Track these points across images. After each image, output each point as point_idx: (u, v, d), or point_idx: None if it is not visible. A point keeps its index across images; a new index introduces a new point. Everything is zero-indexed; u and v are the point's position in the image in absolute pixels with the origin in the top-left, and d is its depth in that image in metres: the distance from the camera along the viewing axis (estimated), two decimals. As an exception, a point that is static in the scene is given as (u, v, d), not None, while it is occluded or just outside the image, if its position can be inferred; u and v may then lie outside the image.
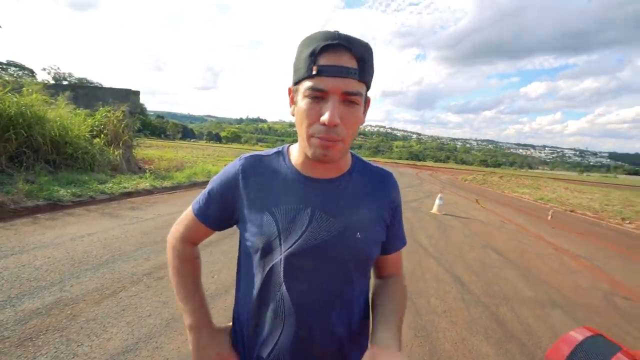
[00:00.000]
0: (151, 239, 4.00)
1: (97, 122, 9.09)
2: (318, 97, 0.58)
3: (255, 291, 0.69)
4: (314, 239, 0.65)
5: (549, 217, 9.37)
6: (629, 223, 9.87)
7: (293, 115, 0.65)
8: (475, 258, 4.69)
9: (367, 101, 0.65)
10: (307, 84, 0.59)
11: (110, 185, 6.74)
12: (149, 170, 9.45)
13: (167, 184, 8.11)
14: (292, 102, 0.65)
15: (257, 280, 0.69)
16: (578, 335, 0.98)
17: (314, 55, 0.57)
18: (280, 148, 0.76)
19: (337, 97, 0.58)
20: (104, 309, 2.35)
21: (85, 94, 10.67)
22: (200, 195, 0.77)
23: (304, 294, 0.66)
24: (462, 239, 5.81)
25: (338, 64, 0.57)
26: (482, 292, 3.47)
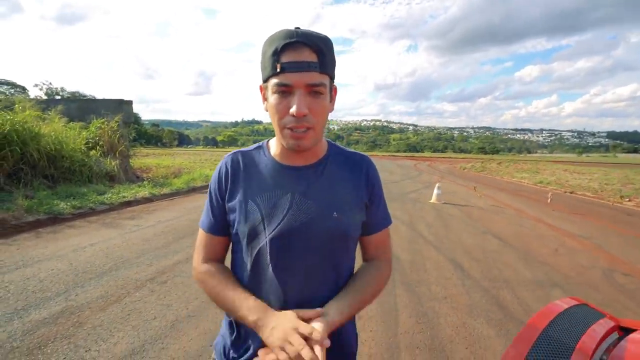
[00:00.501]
0: (152, 245, 4.04)
1: (91, 134, 9.12)
2: (285, 91, 0.63)
3: (246, 275, 0.74)
4: (295, 221, 0.69)
5: (549, 200, 9.41)
6: (629, 201, 9.92)
7: (267, 110, 0.70)
8: (475, 244, 4.73)
9: (333, 90, 0.70)
10: (273, 81, 0.64)
11: (109, 195, 6.78)
12: (147, 179, 9.48)
13: (165, 190, 8.15)
14: (264, 98, 0.70)
15: (248, 264, 0.73)
16: (562, 304, 1.01)
17: (276, 54, 0.62)
18: (260, 143, 0.82)
19: (302, 89, 0.63)
20: (109, 315, 2.39)
21: (78, 106, 10.68)
22: (203, 213, 0.81)
23: (289, 273, 0.70)
24: (462, 226, 5.85)
25: (299, 60, 0.61)
26: (482, 276, 3.51)
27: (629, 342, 0.86)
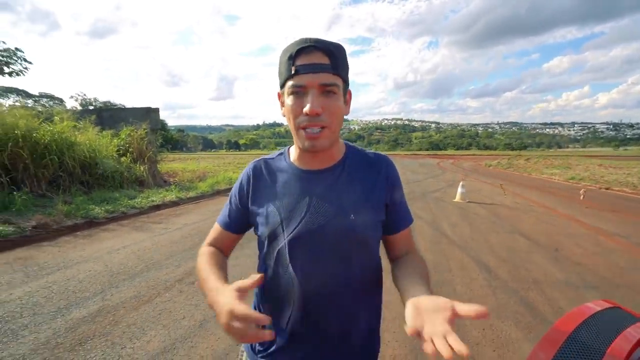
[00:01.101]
0: (180, 248, 4.20)
1: (122, 142, 9.60)
2: (299, 92, 0.67)
3: (269, 274, 0.78)
4: (312, 224, 0.72)
5: (581, 197, 8.93)
6: (672, 196, 9.23)
7: (284, 115, 0.74)
8: (501, 244, 4.58)
9: (347, 94, 0.74)
10: (289, 83, 0.68)
11: (139, 200, 7.11)
12: (174, 183, 9.87)
13: (191, 194, 8.44)
14: (282, 104, 0.74)
15: (270, 263, 0.77)
16: (594, 306, 0.97)
17: (291, 59, 0.67)
18: (282, 150, 0.86)
19: (316, 89, 0.66)
20: (142, 314, 2.53)
21: (109, 115, 11.28)
22: (222, 210, 0.89)
23: (308, 274, 0.73)
24: (488, 225, 5.67)
25: (311, 62, 0.66)
26: (510, 277, 3.40)
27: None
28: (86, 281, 3.13)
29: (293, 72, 0.66)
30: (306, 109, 0.66)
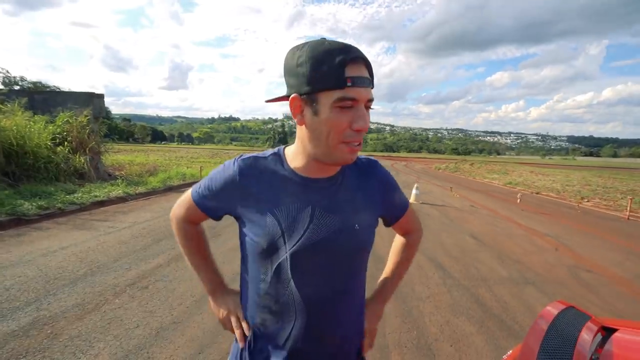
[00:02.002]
0: (130, 248, 3.87)
1: (58, 129, 8.57)
2: (347, 106, 0.62)
3: (263, 287, 0.72)
4: (316, 236, 0.69)
5: (519, 201, 9.93)
6: (587, 201, 10.66)
7: (301, 124, 0.67)
8: (453, 244, 4.91)
9: None
10: (338, 94, 0.60)
11: (80, 195, 6.41)
12: (121, 177, 9.06)
13: (141, 189, 7.82)
14: (299, 110, 0.65)
15: (265, 278, 0.72)
16: (553, 309, 1.08)
17: (342, 67, 0.60)
18: (275, 150, 0.78)
19: (364, 104, 0.64)
20: (87, 325, 2.27)
21: (42, 99, 10.00)
22: (199, 185, 0.80)
23: (311, 288, 0.70)
24: (439, 226, 6.05)
25: (364, 75, 0.62)
26: (462, 275, 3.65)
27: (613, 343, 0.94)
28: (15, 289, 2.73)
29: (349, 83, 0.60)
30: (359, 125, 0.62)
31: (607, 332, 1.02)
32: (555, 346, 0.82)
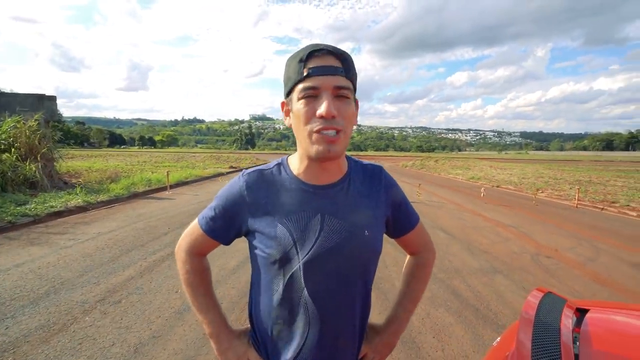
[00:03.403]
0: (97, 261, 3.61)
1: (4, 135, 7.81)
2: (312, 95, 0.63)
3: (276, 298, 0.72)
4: (328, 243, 0.69)
5: (482, 194, 10.53)
6: (542, 192, 11.55)
7: (289, 126, 0.70)
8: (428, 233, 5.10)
9: (356, 103, 0.71)
10: (300, 86, 0.64)
11: (33, 206, 5.89)
12: (79, 185, 8.43)
13: (102, 197, 7.34)
14: (287, 113, 0.70)
15: (278, 288, 0.71)
16: (534, 299, 1.16)
17: (302, 62, 0.64)
18: (279, 160, 0.78)
19: (330, 92, 0.63)
20: (55, 347, 2.10)
21: (-18, 101, 9.05)
22: (205, 211, 0.78)
23: (325, 295, 0.70)
24: (412, 222, 6.26)
25: (326, 64, 0.63)
26: (437, 269, 3.81)
27: (588, 322, 1.04)
28: (-35, 313, 2.46)
29: (305, 74, 0.62)
30: (321, 110, 0.61)
31: (581, 312, 1.13)
32: (544, 340, 0.88)
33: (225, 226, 0.76)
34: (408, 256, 0.93)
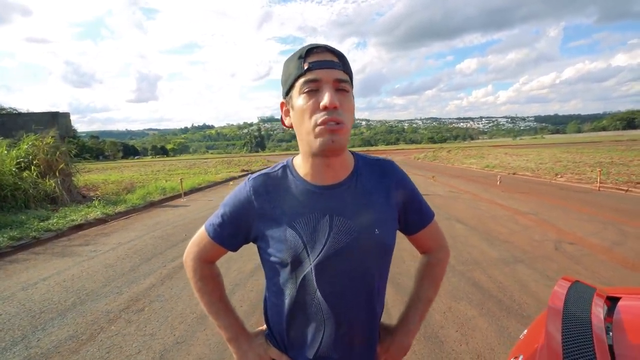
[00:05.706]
0: (118, 271, 3.71)
1: (23, 153, 8.09)
2: (313, 89, 0.63)
3: (289, 301, 0.72)
4: (338, 243, 0.68)
5: (498, 183, 10.30)
6: (561, 177, 11.20)
7: (289, 126, 0.70)
8: (443, 231, 5.02)
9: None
10: (301, 81, 0.64)
11: (55, 220, 6.09)
12: (96, 197, 8.67)
13: (120, 208, 7.53)
14: (287, 113, 0.70)
15: (290, 291, 0.71)
16: (561, 289, 1.12)
17: (302, 58, 0.64)
18: (284, 162, 0.77)
19: (331, 84, 0.63)
20: (85, 357, 2.16)
21: (1, 123, 9.42)
22: (212, 218, 0.78)
23: (338, 295, 0.70)
24: (428, 215, 6.17)
25: (325, 59, 0.64)
26: (456, 261, 3.74)
27: (621, 310, 0.99)
28: (-2, 328, 2.56)
29: (306, 67, 0.63)
30: (325, 101, 0.61)
31: (612, 301, 1.07)
32: (575, 331, 0.84)
33: (233, 233, 0.76)
34: (421, 255, 0.90)
